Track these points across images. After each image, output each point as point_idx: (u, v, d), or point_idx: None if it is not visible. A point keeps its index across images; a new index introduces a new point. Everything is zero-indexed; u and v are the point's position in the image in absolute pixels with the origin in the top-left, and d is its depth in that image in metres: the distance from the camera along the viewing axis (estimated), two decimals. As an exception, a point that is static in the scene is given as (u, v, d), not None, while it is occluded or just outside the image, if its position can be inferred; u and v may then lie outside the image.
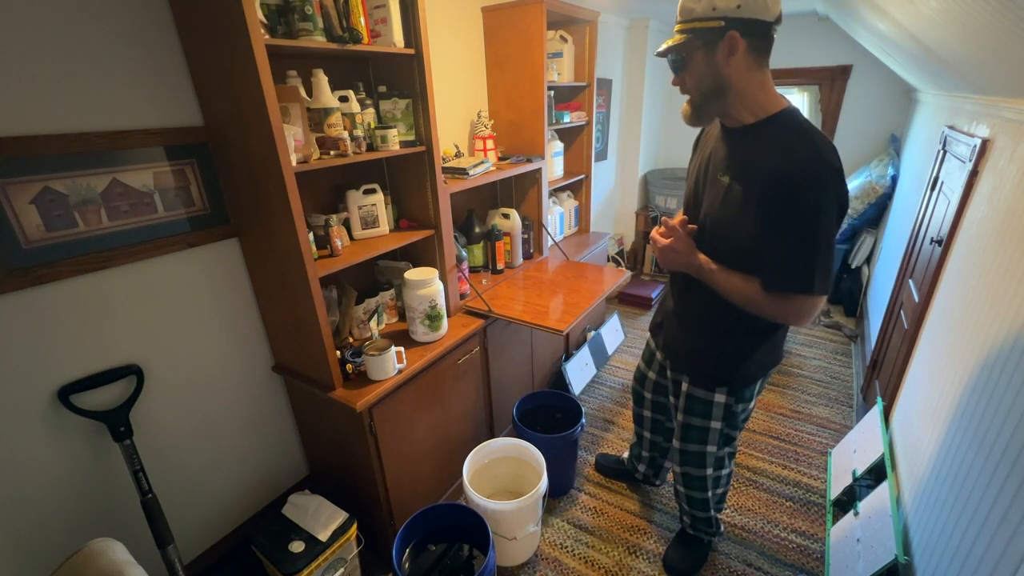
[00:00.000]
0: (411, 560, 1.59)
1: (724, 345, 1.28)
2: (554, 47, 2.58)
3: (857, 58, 3.55)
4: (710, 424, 1.40)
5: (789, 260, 1.04)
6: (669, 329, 1.45)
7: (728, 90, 1.05)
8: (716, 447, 1.44)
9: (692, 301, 1.31)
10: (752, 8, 0.96)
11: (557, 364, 2.65)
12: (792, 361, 3.01)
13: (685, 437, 1.47)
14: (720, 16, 0.97)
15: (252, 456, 1.74)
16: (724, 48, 1.00)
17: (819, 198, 0.99)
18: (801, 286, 1.05)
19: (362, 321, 1.77)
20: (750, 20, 0.97)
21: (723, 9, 0.96)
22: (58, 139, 1.14)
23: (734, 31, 0.97)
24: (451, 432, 1.90)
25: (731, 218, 1.12)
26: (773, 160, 1.02)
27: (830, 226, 1.02)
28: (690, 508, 1.63)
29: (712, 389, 1.35)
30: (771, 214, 1.03)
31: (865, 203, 3.36)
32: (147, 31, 1.25)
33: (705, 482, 1.52)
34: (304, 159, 1.37)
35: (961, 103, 2.01)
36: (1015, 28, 1.04)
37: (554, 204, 2.87)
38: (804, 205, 0.99)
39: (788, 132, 1.04)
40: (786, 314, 1.11)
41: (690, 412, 1.42)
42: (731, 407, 1.36)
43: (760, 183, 1.04)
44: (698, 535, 1.72)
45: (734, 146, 1.13)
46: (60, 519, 1.29)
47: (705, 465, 1.48)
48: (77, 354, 1.26)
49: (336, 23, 1.32)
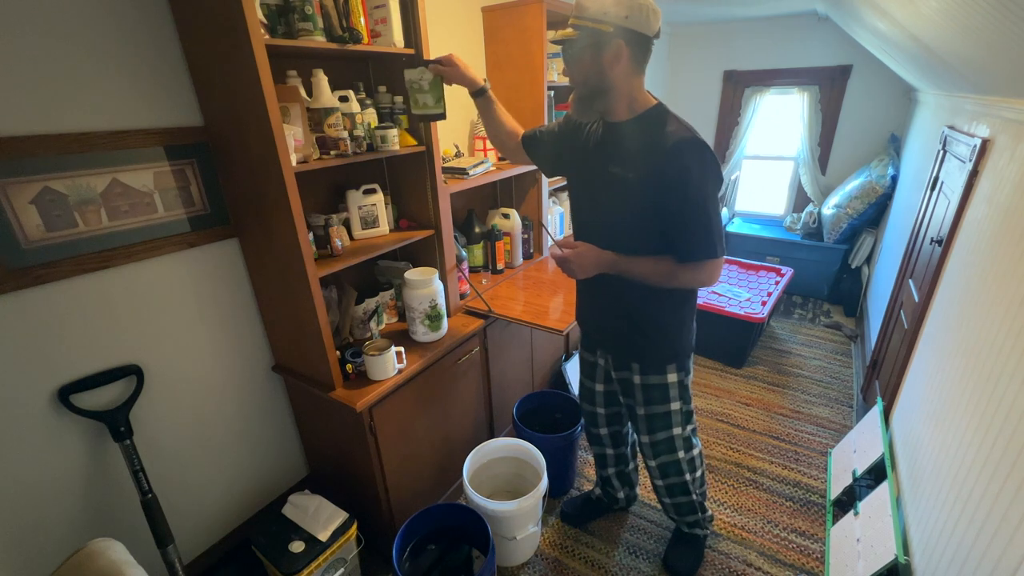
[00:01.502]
0: (411, 560, 1.59)
1: (660, 323, 1.36)
2: (554, 47, 2.58)
3: (857, 58, 3.55)
4: (670, 407, 1.45)
5: (695, 232, 1.17)
6: (602, 329, 1.50)
7: (611, 90, 1.16)
8: (681, 428, 1.50)
9: (612, 293, 1.37)
10: (637, 22, 1.06)
11: (557, 364, 2.65)
12: (792, 361, 3.01)
13: (651, 428, 1.49)
14: (609, 22, 1.06)
15: (252, 456, 1.74)
16: (610, 53, 1.10)
17: (704, 173, 1.13)
18: (708, 253, 1.19)
19: (362, 321, 1.77)
20: (635, 32, 1.07)
21: (613, 16, 1.06)
22: (58, 139, 1.14)
23: (620, 40, 1.08)
24: (451, 432, 1.90)
25: (635, 205, 1.21)
26: (659, 146, 1.14)
27: (715, 195, 1.18)
28: (672, 498, 1.62)
29: (663, 371, 1.41)
30: (670, 192, 1.14)
31: (865, 203, 3.36)
32: (147, 31, 1.25)
33: (681, 466, 1.54)
34: (304, 159, 1.37)
35: (961, 103, 2.01)
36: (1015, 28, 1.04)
37: (554, 204, 2.87)
38: (694, 183, 1.13)
39: (664, 122, 1.17)
40: (701, 279, 1.23)
41: (649, 402, 1.45)
42: (683, 382, 1.44)
43: (651, 166, 1.15)
44: (693, 532, 1.72)
45: (617, 140, 1.23)
46: (60, 519, 1.29)
47: (676, 449, 1.51)
48: (77, 354, 1.26)
49: (336, 23, 1.32)
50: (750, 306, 2.97)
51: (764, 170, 4.35)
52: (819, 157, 3.94)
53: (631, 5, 1.06)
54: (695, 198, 1.14)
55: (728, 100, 4.15)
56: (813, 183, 3.98)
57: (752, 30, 3.85)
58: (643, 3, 1.06)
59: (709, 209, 1.16)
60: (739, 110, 4.12)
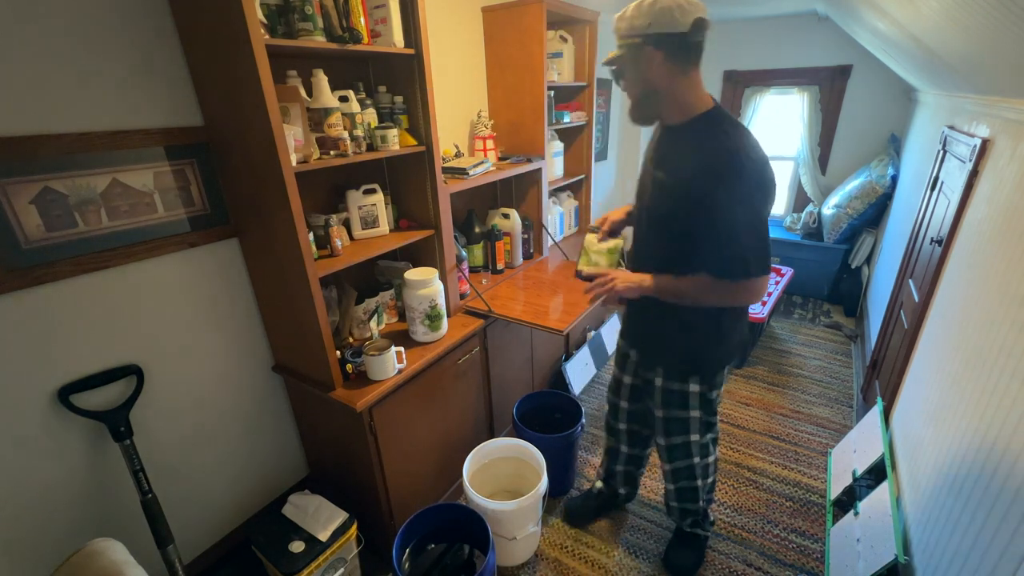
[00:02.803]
0: (411, 560, 1.59)
1: (689, 336, 1.34)
2: (554, 47, 2.58)
3: (857, 58, 3.55)
4: (689, 414, 1.45)
5: (724, 248, 1.15)
6: (636, 326, 1.51)
7: (657, 93, 1.19)
8: (699, 435, 1.49)
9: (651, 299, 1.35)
10: (661, 24, 1.10)
11: (557, 364, 2.65)
12: (792, 361, 3.01)
13: (668, 431, 1.50)
14: (636, 35, 1.14)
15: (252, 456, 1.74)
16: (644, 60, 1.16)
17: (736, 187, 1.10)
18: (740, 272, 1.15)
19: (362, 321, 1.77)
20: (662, 34, 1.11)
21: (639, 28, 1.13)
22: (58, 139, 1.14)
23: (649, 46, 1.13)
24: (451, 432, 1.90)
25: (665, 209, 1.24)
26: (696, 154, 1.15)
27: (753, 212, 1.12)
28: (680, 503, 1.63)
29: (686, 380, 1.40)
30: (699, 202, 1.14)
31: (865, 203, 3.36)
32: (147, 31, 1.25)
33: (694, 471, 1.54)
34: (304, 159, 1.37)
35: (961, 103, 2.01)
36: (1015, 28, 1.04)
37: (554, 204, 2.87)
38: (730, 191, 1.10)
39: (710, 128, 1.17)
40: (735, 298, 1.21)
41: (668, 405, 1.45)
42: (705, 395, 1.42)
43: (684, 176, 1.17)
44: (695, 531, 1.72)
45: (667, 143, 1.26)
46: (60, 519, 1.29)
47: (692, 455, 1.51)
48: (77, 354, 1.26)
49: (336, 23, 1.32)
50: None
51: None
52: (819, 157, 3.94)
53: (650, 13, 1.11)
54: (725, 215, 1.11)
55: (728, 100, 4.15)
56: (813, 183, 3.98)
57: (752, 30, 3.85)
58: (665, 5, 1.09)
59: (740, 227, 1.11)
60: (739, 110, 4.12)
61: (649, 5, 1.10)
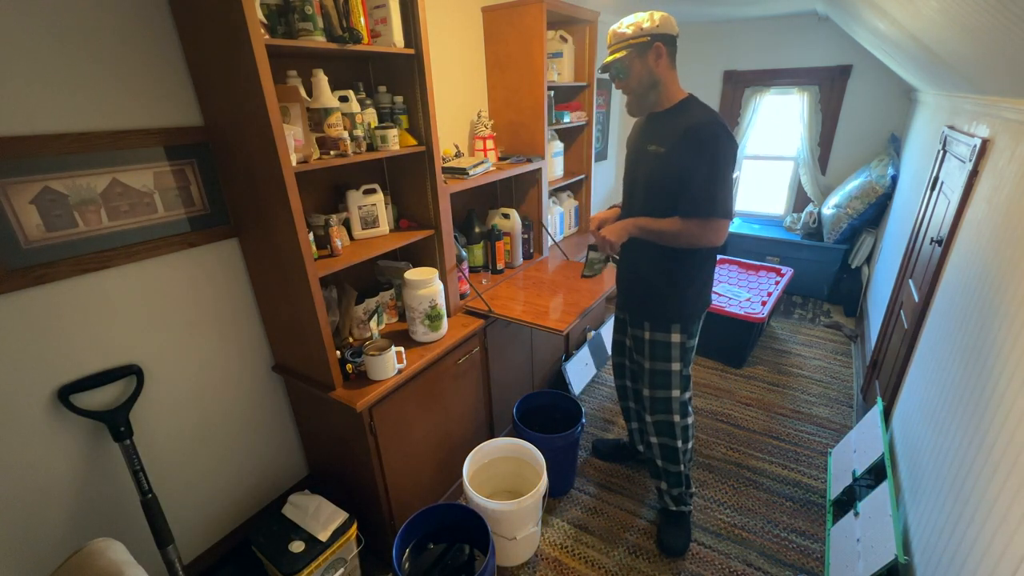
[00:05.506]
0: (411, 560, 1.59)
1: (669, 284, 1.57)
2: (554, 47, 2.58)
3: (857, 58, 3.55)
4: (671, 366, 1.65)
5: (697, 192, 1.40)
6: (627, 289, 1.73)
7: (658, 84, 1.46)
8: (679, 391, 1.68)
9: (635, 257, 1.64)
10: (664, 27, 1.41)
11: (557, 364, 2.65)
12: (792, 361, 3.01)
13: (652, 383, 1.69)
14: (647, 34, 1.40)
15: (252, 456, 1.74)
16: (653, 55, 1.42)
17: (717, 145, 1.38)
18: (707, 211, 1.40)
19: (362, 321, 1.77)
20: (665, 34, 1.41)
21: (648, 28, 1.40)
22: (58, 139, 1.14)
23: (659, 42, 1.41)
24: (451, 432, 1.90)
25: (661, 173, 1.47)
26: (683, 124, 1.42)
27: (723, 167, 1.39)
28: (664, 462, 1.76)
29: (668, 329, 1.62)
30: (685, 160, 1.40)
31: (865, 203, 3.36)
32: (147, 31, 1.25)
33: (674, 429, 1.71)
34: (304, 159, 1.37)
35: (961, 103, 2.01)
36: (1015, 28, 1.04)
37: (554, 204, 2.87)
38: (707, 150, 1.38)
39: (690, 109, 1.47)
40: (700, 236, 1.43)
41: (654, 357, 1.66)
42: (684, 344, 1.64)
43: (676, 140, 1.42)
44: (680, 510, 1.82)
45: (655, 125, 1.52)
46: (60, 519, 1.29)
47: (672, 411, 1.69)
48: (77, 354, 1.26)
49: (336, 23, 1.32)
50: (750, 306, 2.98)
51: (764, 170, 4.35)
52: (819, 157, 3.94)
53: (656, 16, 1.40)
54: (703, 165, 1.38)
55: (728, 100, 4.15)
56: (813, 183, 3.98)
57: (752, 30, 3.85)
58: (663, 14, 1.41)
59: (716, 177, 1.38)
60: (739, 110, 4.12)
61: (650, 15, 1.40)
